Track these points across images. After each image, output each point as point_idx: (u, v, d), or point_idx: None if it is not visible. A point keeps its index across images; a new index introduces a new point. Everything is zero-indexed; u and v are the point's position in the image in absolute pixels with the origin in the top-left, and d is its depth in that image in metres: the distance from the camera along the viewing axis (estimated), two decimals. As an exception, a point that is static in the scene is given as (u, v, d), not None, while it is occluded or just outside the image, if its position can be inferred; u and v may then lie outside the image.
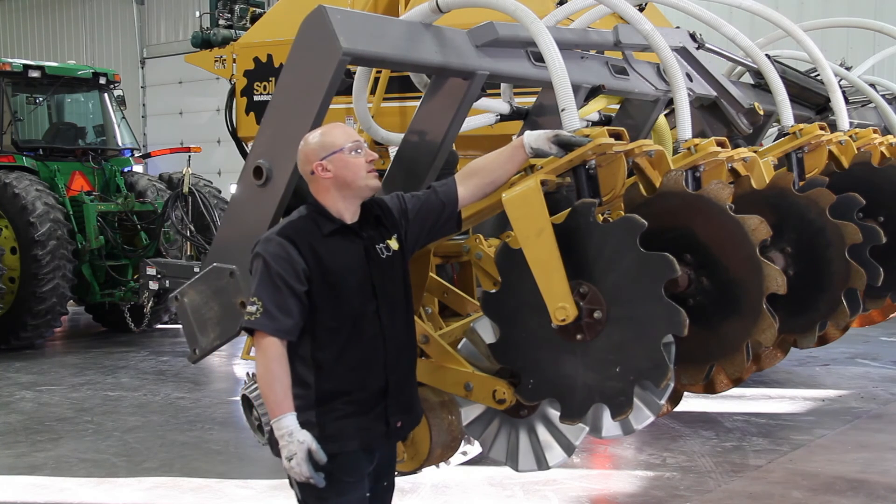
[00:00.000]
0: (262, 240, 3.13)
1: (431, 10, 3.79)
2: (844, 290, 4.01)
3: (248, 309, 3.04)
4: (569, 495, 5.91)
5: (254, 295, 3.05)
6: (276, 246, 3.08)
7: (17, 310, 10.98)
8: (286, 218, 3.23)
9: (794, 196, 4.08)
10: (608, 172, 3.51)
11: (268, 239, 3.11)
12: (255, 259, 3.11)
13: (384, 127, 4.76)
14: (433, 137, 3.98)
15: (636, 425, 3.37)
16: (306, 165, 3.21)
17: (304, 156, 3.21)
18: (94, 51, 25.30)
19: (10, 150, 11.95)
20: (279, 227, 3.16)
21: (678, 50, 4.88)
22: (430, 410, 3.67)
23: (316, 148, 3.18)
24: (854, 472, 6.31)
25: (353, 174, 3.16)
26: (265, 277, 3.05)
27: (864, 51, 8.86)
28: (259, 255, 3.09)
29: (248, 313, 3.03)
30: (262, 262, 3.07)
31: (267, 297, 3.02)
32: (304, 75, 3.50)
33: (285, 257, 3.06)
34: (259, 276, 3.07)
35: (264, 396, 3.06)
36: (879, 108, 6.35)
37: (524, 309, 3.23)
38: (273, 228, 3.20)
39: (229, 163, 18.61)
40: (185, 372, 9.96)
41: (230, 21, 10.91)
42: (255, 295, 3.04)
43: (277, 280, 3.03)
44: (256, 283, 3.07)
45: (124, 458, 6.90)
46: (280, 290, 3.03)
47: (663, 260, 2.99)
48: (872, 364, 9.94)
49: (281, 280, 3.03)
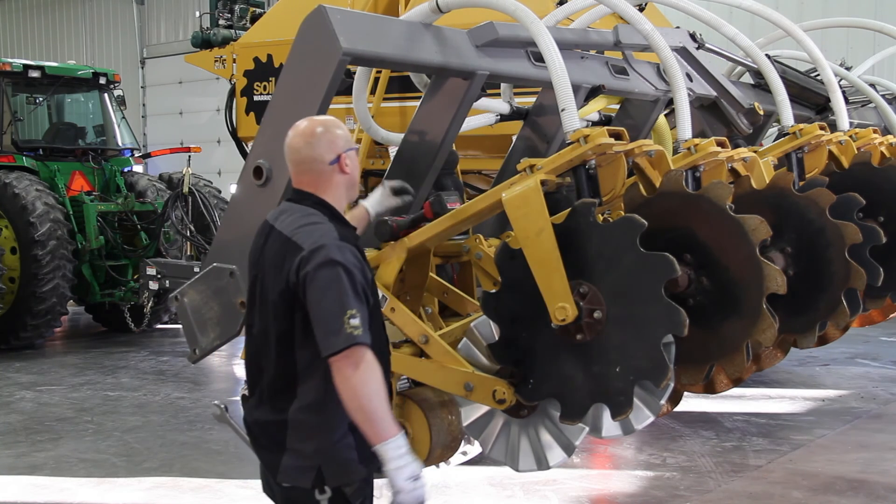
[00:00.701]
0: (331, 246, 2.80)
1: (431, 10, 3.80)
2: (844, 290, 4.01)
3: (352, 323, 2.71)
4: (569, 495, 5.91)
5: (350, 308, 2.73)
6: (352, 255, 2.83)
7: (17, 310, 10.97)
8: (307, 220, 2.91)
9: (794, 196, 4.08)
10: (608, 172, 3.51)
11: (340, 246, 2.82)
12: (332, 267, 2.77)
13: (384, 127, 4.76)
14: (433, 137, 3.98)
15: (636, 425, 3.37)
16: (329, 153, 2.93)
17: (328, 142, 2.93)
18: (94, 51, 25.29)
19: (10, 150, 11.95)
20: (334, 234, 2.85)
21: (678, 50, 4.89)
22: (430, 410, 3.67)
23: (343, 137, 2.96)
24: (854, 472, 6.31)
25: (357, 177, 3.03)
26: (351, 288, 2.76)
27: (864, 51, 8.87)
28: (338, 264, 2.78)
29: (354, 327, 2.71)
30: (345, 271, 2.77)
31: (360, 309, 2.75)
32: (304, 75, 3.50)
33: (361, 268, 2.84)
34: (345, 286, 2.76)
35: (377, 414, 2.76)
36: (879, 108, 6.35)
37: (524, 309, 3.23)
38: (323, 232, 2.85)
39: (229, 163, 18.60)
40: (185, 372, 9.96)
41: (230, 21, 10.92)
42: (350, 307, 2.73)
43: (361, 291, 2.80)
44: (347, 295, 2.75)
45: (124, 458, 6.90)
46: (365, 303, 2.80)
47: (663, 260, 2.99)
48: (872, 364, 9.93)
49: (363, 291, 2.81)
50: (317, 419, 2.89)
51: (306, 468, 2.90)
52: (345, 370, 2.75)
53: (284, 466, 2.92)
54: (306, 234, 2.86)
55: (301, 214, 2.93)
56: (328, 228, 2.87)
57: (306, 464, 2.90)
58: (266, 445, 3.00)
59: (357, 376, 2.74)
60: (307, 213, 2.93)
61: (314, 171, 2.96)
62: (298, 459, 2.91)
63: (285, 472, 2.93)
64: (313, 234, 2.85)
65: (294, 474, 2.92)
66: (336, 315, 2.74)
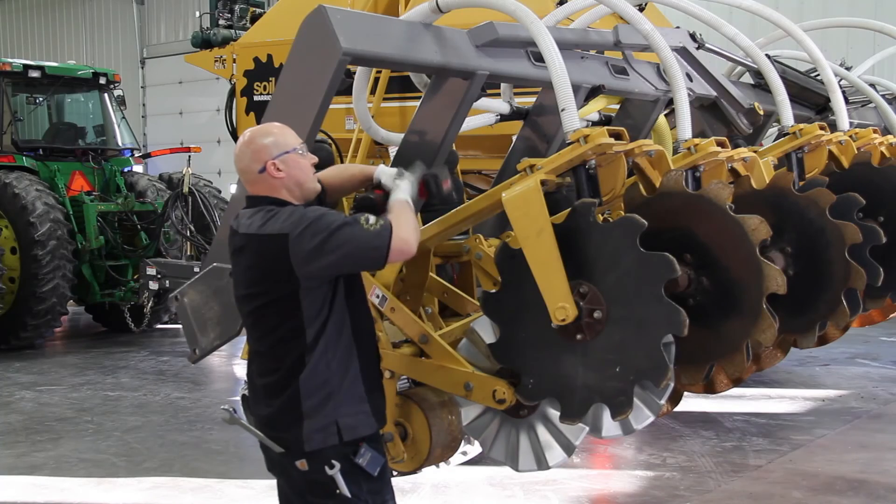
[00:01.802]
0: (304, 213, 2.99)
1: (431, 10, 3.79)
2: (844, 290, 4.01)
3: (370, 221, 2.95)
4: (569, 495, 5.92)
5: (357, 218, 2.96)
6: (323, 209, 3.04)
7: (17, 310, 10.98)
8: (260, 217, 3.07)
9: (794, 196, 4.08)
10: (608, 172, 3.51)
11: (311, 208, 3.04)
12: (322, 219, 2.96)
13: (384, 127, 4.76)
14: (433, 137, 3.97)
15: (636, 425, 3.36)
16: (254, 163, 3.11)
17: (252, 153, 3.12)
18: (94, 51, 25.30)
19: (10, 150, 11.96)
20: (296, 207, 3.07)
21: (678, 50, 4.88)
22: (430, 410, 3.66)
23: (268, 146, 3.11)
24: (854, 472, 6.31)
25: (304, 175, 3.15)
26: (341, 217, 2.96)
27: (864, 51, 8.86)
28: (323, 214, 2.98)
29: (374, 223, 2.95)
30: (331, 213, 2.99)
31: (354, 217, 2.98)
32: (304, 75, 3.49)
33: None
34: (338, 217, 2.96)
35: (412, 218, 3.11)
36: (879, 108, 6.35)
37: (524, 309, 3.23)
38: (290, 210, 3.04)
39: (229, 163, 18.40)
40: (185, 372, 9.96)
41: (230, 21, 10.92)
42: (358, 217, 2.97)
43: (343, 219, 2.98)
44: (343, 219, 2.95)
45: (124, 458, 6.90)
46: None
47: (663, 260, 2.99)
48: (872, 364, 9.93)
49: None
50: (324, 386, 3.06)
51: (327, 426, 3.05)
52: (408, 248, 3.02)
53: (307, 434, 3.05)
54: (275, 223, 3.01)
55: (262, 213, 3.09)
56: (289, 209, 3.06)
57: (326, 421, 3.05)
58: (285, 426, 3.10)
59: (413, 238, 3.04)
60: (266, 210, 3.09)
61: (250, 180, 3.17)
62: (317, 421, 3.05)
63: (309, 439, 3.05)
64: (279, 219, 3.01)
65: (318, 437, 3.06)
66: (357, 231, 2.93)
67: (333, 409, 3.06)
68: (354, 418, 3.10)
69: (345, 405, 3.08)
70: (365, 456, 3.09)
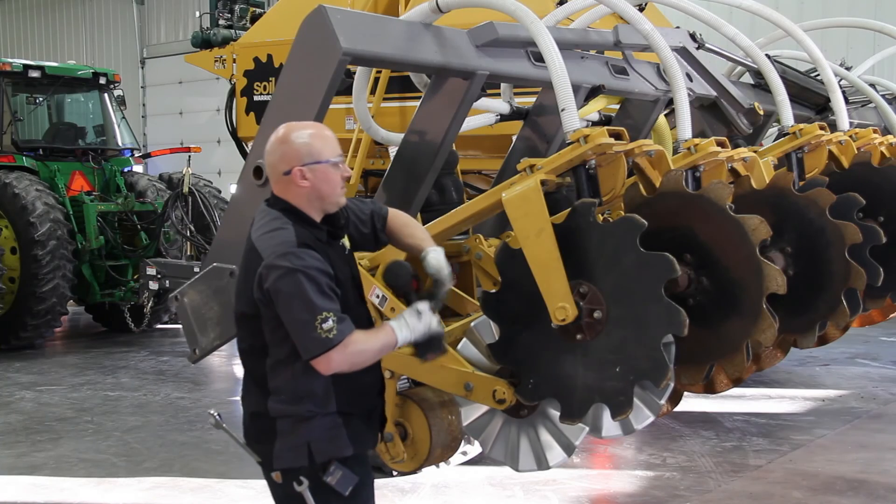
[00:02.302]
0: (287, 254, 2.84)
1: (431, 10, 3.80)
2: (844, 290, 4.01)
3: (324, 327, 2.78)
4: (569, 495, 5.91)
5: (320, 311, 2.78)
6: (310, 258, 2.85)
7: (17, 310, 10.97)
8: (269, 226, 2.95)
9: (794, 196, 4.08)
10: (608, 172, 3.51)
11: (295, 254, 2.84)
12: (292, 276, 2.81)
13: (384, 127, 4.76)
14: (433, 137, 3.98)
15: (636, 425, 3.37)
16: (282, 164, 2.98)
17: (282, 154, 2.98)
18: (94, 51, 25.29)
19: (10, 150, 11.95)
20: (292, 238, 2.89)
21: (678, 50, 4.88)
22: (430, 410, 3.67)
23: (301, 150, 2.97)
24: (854, 472, 6.31)
25: (331, 189, 3.01)
26: (318, 291, 2.80)
27: (864, 51, 8.86)
28: (296, 271, 2.81)
29: (326, 330, 2.78)
30: (306, 277, 2.80)
31: (332, 308, 2.82)
32: (304, 75, 3.50)
33: (322, 268, 2.85)
34: (308, 292, 2.79)
35: (381, 354, 2.97)
36: (879, 108, 6.35)
37: (524, 309, 3.23)
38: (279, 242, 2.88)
39: (229, 163, 18.58)
40: (185, 372, 9.96)
41: (230, 21, 10.91)
42: (321, 311, 2.78)
43: (328, 290, 2.84)
44: (315, 299, 2.79)
45: (124, 458, 6.90)
46: (334, 300, 2.85)
47: (663, 260, 2.99)
48: (872, 364, 9.93)
49: (330, 290, 2.85)
50: (296, 410, 2.98)
51: (298, 447, 2.99)
52: (333, 366, 2.86)
53: (277, 451, 3.01)
54: (266, 242, 2.92)
55: (269, 219, 3.00)
56: (287, 234, 2.91)
57: (297, 442, 2.99)
58: (259, 439, 3.08)
59: (350, 363, 2.88)
60: (273, 218, 2.99)
61: (273, 178, 3.05)
62: (289, 440, 3.00)
63: (279, 457, 3.01)
64: (272, 242, 2.90)
65: (288, 456, 3.01)
66: (308, 323, 2.80)
67: (306, 431, 2.98)
68: (328, 443, 3.00)
69: (318, 429, 2.98)
70: (334, 474, 2.98)
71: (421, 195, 4.06)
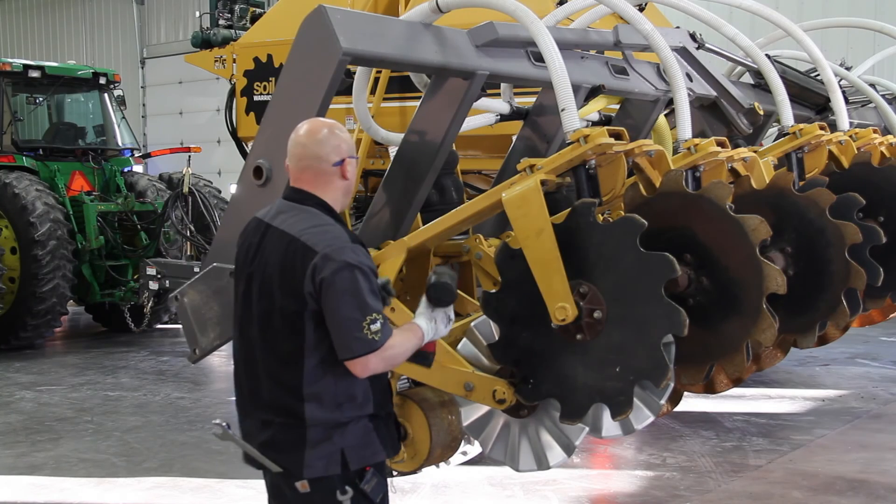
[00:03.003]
0: (346, 248, 2.84)
1: (431, 10, 3.80)
2: (844, 290, 4.01)
3: (372, 328, 2.79)
4: (569, 495, 5.91)
5: (371, 312, 2.80)
6: (365, 256, 2.88)
7: (17, 310, 10.97)
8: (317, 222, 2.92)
9: (794, 196, 4.08)
10: (608, 172, 3.51)
11: (353, 248, 2.85)
12: (350, 271, 2.80)
13: (384, 127, 4.76)
14: (433, 137, 3.98)
15: (636, 425, 3.37)
16: (334, 154, 2.95)
17: (336, 143, 2.96)
18: (94, 51, 25.29)
19: (10, 150, 11.94)
20: (345, 234, 2.90)
21: (678, 50, 4.89)
22: (430, 410, 3.67)
23: (349, 143, 3.00)
24: (854, 472, 6.31)
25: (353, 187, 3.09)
26: (370, 290, 2.82)
27: (864, 51, 8.86)
28: (354, 267, 2.81)
29: (374, 332, 2.79)
30: (362, 274, 2.81)
31: (380, 309, 2.84)
32: (304, 75, 3.50)
33: (374, 268, 2.90)
34: (364, 290, 2.80)
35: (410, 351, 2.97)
36: (879, 108, 6.35)
37: (524, 309, 3.23)
38: (335, 234, 2.88)
39: (229, 163, 18.59)
40: (185, 372, 9.96)
41: (230, 21, 10.91)
42: (372, 311, 2.80)
43: (378, 291, 2.88)
44: (366, 299, 2.80)
45: (124, 458, 6.90)
46: (380, 302, 2.87)
47: (663, 260, 2.99)
48: (872, 364, 9.93)
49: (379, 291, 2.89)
50: (334, 416, 2.92)
51: (331, 454, 2.92)
52: (371, 370, 2.86)
53: (309, 460, 2.92)
54: (317, 237, 2.87)
55: (307, 215, 2.95)
56: (339, 231, 2.91)
57: (330, 450, 2.92)
58: (284, 447, 2.97)
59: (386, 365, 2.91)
60: (313, 215, 2.95)
61: (316, 169, 2.97)
62: (322, 449, 2.92)
63: (311, 466, 2.92)
64: (325, 237, 2.87)
65: (320, 465, 2.92)
66: (357, 321, 2.80)
67: (339, 437, 2.91)
68: (362, 449, 2.95)
69: (350, 434, 2.92)
70: (370, 482, 2.96)
71: (421, 195, 4.06)
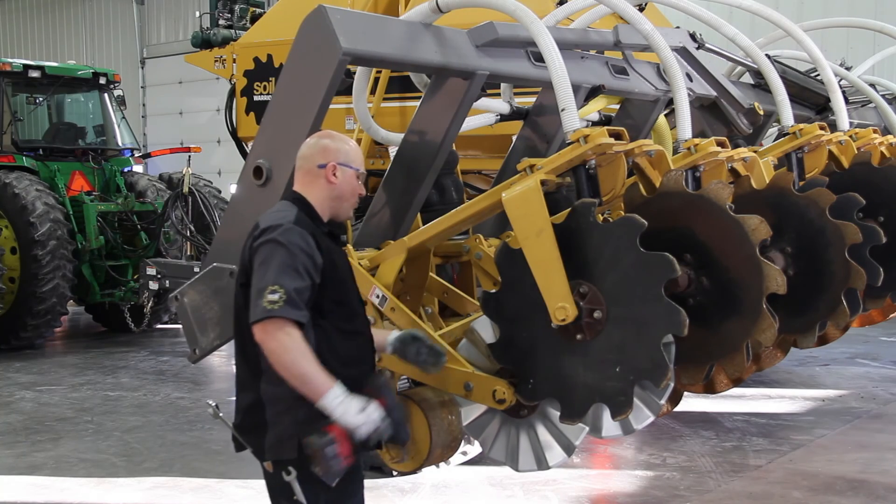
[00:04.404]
0: (276, 228, 3.00)
1: (431, 10, 3.80)
2: (844, 290, 4.01)
3: (269, 297, 2.89)
4: (569, 495, 5.91)
5: (273, 283, 2.90)
6: (298, 236, 3.00)
7: (17, 310, 10.97)
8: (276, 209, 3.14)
9: (794, 196, 4.08)
10: (608, 172, 3.51)
11: (287, 229, 3.00)
12: (272, 246, 2.98)
13: (384, 127, 4.76)
14: (433, 137, 3.98)
15: (636, 425, 3.36)
16: (320, 157, 3.17)
17: (323, 147, 3.18)
18: (94, 51, 25.30)
19: (10, 150, 11.95)
20: (291, 217, 3.05)
21: (678, 50, 4.88)
22: (430, 410, 3.66)
23: (340, 150, 3.18)
24: (854, 472, 6.31)
25: (351, 195, 3.22)
26: (288, 265, 2.94)
27: (864, 51, 8.86)
28: (278, 243, 2.97)
29: (271, 301, 2.88)
30: (286, 250, 2.96)
31: (290, 285, 2.91)
32: (304, 75, 3.50)
33: (307, 250, 2.99)
34: (279, 263, 2.94)
35: (304, 377, 2.91)
36: (879, 108, 6.35)
37: (524, 309, 3.23)
38: (281, 217, 3.06)
39: (229, 163, 18.60)
40: (185, 372, 9.96)
41: (230, 21, 10.90)
42: (275, 283, 2.90)
43: (302, 270, 2.96)
44: (276, 271, 2.93)
45: (124, 458, 6.90)
46: (303, 280, 2.95)
47: (663, 260, 2.99)
48: (872, 364, 9.93)
49: (305, 271, 2.96)
50: (282, 391, 2.99)
51: (289, 437, 3.01)
52: (263, 341, 2.92)
53: (269, 442, 3.05)
54: (267, 216, 3.12)
55: (279, 204, 3.19)
56: (287, 214, 3.08)
57: (288, 433, 3.01)
58: (253, 430, 3.11)
59: (275, 346, 2.91)
60: (283, 204, 3.18)
61: (302, 168, 3.21)
62: (278, 431, 3.03)
63: (270, 448, 3.05)
64: (271, 216, 3.09)
65: (277, 447, 3.04)
66: (261, 291, 2.92)
67: (293, 423, 2.99)
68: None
69: (306, 422, 2.97)
70: None
71: (421, 195, 4.06)
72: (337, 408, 2.91)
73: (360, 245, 3.91)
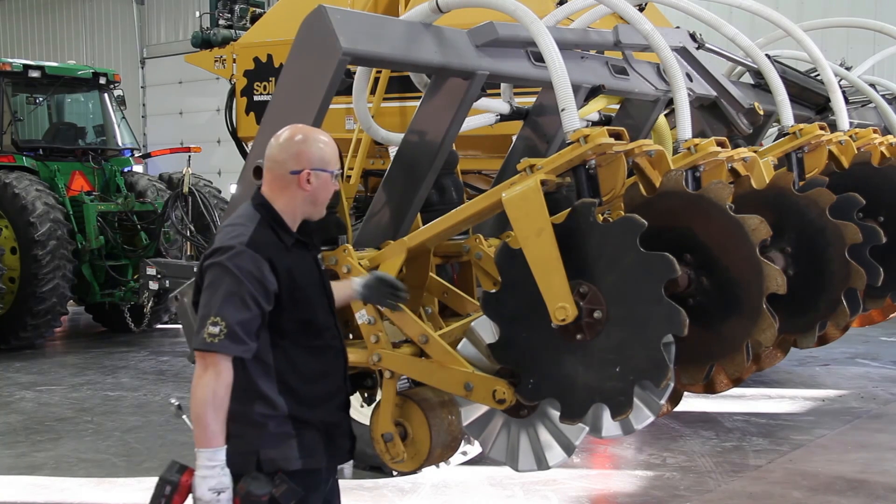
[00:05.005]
0: (228, 250, 2.87)
1: (431, 10, 3.80)
2: (844, 290, 4.01)
3: (210, 329, 2.80)
4: (569, 495, 5.91)
5: (217, 314, 2.81)
6: (249, 261, 2.86)
7: (17, 310, 10.98)
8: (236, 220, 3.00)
9: (794, 196, 4.08)
10: (608, 172, 3.51)
11: (238, 252, 2.86)
12: (219, 270, 2.85)
13: (384, 127, 4.76)
14: (433, 137, 3.98)
15: (636, 425, 3.36)
16: (293, 163, 2.99)
17: (297, 152, 3.00)
18: (94, 51, 25.30)
19: (10, 150, 11.95)
20: (244, 238, 2.90)
21: (678, 50, 4.88)
22: (430, 410, 3.66)
23: (314, 155, 3.01)
24: (854, 472, 6.31)
25: (325, 198, 3.08)
26: (234, 295, 2.82)
27: (864, 51, 8.86)
28: (226, 269, 2.84)
29: (211, 335, 2.80)
30: (233, 278, 2.83)
31: (233, 317, 2.81)
32: (304, 75, 3.49)
33: (258, 276, 2.86)
34: (225, 291, 2.82)
35: (203, 421, 2.87)
36: (879, 108, 6.35)
37: (524, 309, 3.23)
38: (233, 236, 2.92)
39: (229, 163, 18.59)
40: (185, 372, 9.96)
41: (230, 21, 10.90)
42: (217, 314, 2.80)
43: (249, 300, 2.84)
44: (221, 300, 2.81)
45: (124, 458, 6.90)
46: (249, 311, 2.84)
47: (663, 260, 2.99)
48: (872, 364, 9.93)
49: (253, 300, 2.84)
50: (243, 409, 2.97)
51: (248, 453, 2.99)
52: (196, 369, 2.89)
53: (230, 453, 2.96)
54: (221, 232, 2.99)
55: (238, 213, 3.04)
56: (244, 231, 2.93)
57: (248, 449, 2.99)
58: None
59: (200, 379, 2.87)
60: (241, 214, 3.02)
61: (273, 172, 3.04)
62: (239, 445, 2.97)
63: (231, 460, 2.96)
64: (225, 235, 2.95)
65: (238, 461, 2.97)
66: (204, 317, 2.85)
67: (256, 438, 2.98)
68: (276, 453, 3.00)
69: (268, 439, 2.97)
70: (280, 487, 2.95)
71: (421, 195, 4.06)
72: (203, 468, 2.90)
73: (360, 245, 3.90)
